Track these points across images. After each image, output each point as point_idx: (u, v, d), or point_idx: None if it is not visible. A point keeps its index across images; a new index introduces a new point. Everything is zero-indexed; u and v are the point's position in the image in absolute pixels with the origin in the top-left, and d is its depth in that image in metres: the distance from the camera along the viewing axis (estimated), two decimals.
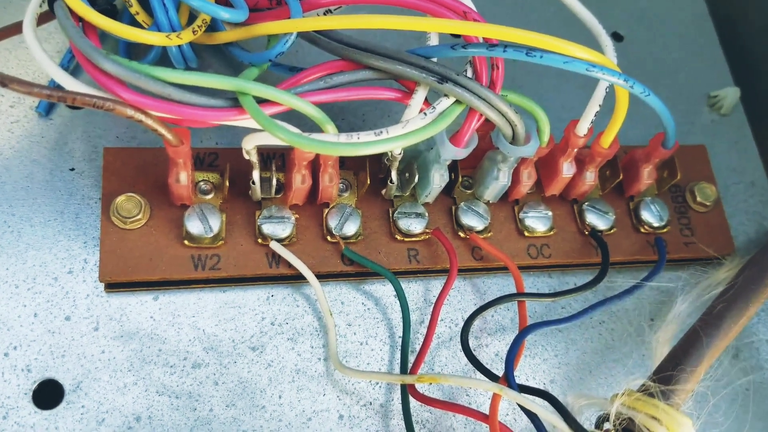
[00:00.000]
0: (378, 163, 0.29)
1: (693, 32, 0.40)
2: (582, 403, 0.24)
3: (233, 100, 0.23)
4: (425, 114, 0.24)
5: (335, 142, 0.23)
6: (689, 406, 0.24)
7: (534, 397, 0.24)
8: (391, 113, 0.32)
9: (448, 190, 0.29)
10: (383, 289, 0.29)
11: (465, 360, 0.28)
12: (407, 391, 0.26)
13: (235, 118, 0.23)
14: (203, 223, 0.26)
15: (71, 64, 0.29)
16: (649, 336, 0.26)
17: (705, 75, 0.38)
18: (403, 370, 0.26)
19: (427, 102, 0.25)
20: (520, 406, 0.24)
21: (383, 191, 0.29)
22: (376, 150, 0.23)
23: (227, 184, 0.26)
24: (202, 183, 0.27)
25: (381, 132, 0.23)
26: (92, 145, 0.28)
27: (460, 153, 0.26)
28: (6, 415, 0.24)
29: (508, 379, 0.24)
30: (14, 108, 0.28)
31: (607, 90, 0.26)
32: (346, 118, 0.32)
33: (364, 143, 0.23)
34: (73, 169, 0.28)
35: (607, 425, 0.23)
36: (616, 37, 0.38)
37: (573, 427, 0.23)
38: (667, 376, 0.23)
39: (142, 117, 0.22)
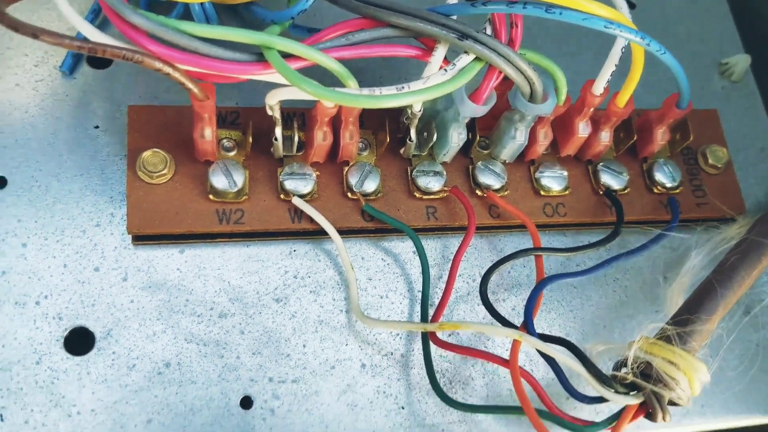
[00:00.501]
0: (396, 123, 0.29)
1: (704, 0, 0.40)
2: (599, 349, 0.25)
3: (258, 55, 0.23)
4: (446, 70, 0.25)
5: (358, 95, 0.23)
6: (704, 352, 0.24)
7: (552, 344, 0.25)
8: (408, 76, 0.33)
9: (464, 150, 0.30)
10: (402, 246, 0.29)
11: (482, 314, 0.29)
12: (428, 339, 0.27)
13: (260, 72, 0.23)
14: (227, 178, 0.27)
15: (94, 23, 0.29)
16: (663, 290, 0.27)
17: (716, 42, 0.39)
18: (424, 320, 0.27)
19: (446, 60, 0.25)
20: (539, 352, 0.25)
21: (402, 150, 0.29)
22: (397, 103, 0.24)
23: (250, 140, 0.27)
24: (224, 140, 0.28)
25: (402, 87, 0.24)
26: (115, 103, 0.29)
27: (479, 110, 0.26)
28: (39, 360, 0.25)
29: (527, 327, 0.25)
30: (38, 67, 0.29)
31: (623, 50, 0.27)
32: (365, 80, 0.32)
33: (386, 96, 0.24)
34: (97, 127, 0.28)
35: (624, 370, 0.24)
36: (629, 5, 0.38)
37: (591, 372, 0.24)
38: (683, 320, 0.24)
39: (169, 70, 0.23)
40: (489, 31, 0.25)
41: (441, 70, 0.25)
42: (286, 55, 0.23)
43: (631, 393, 0.24)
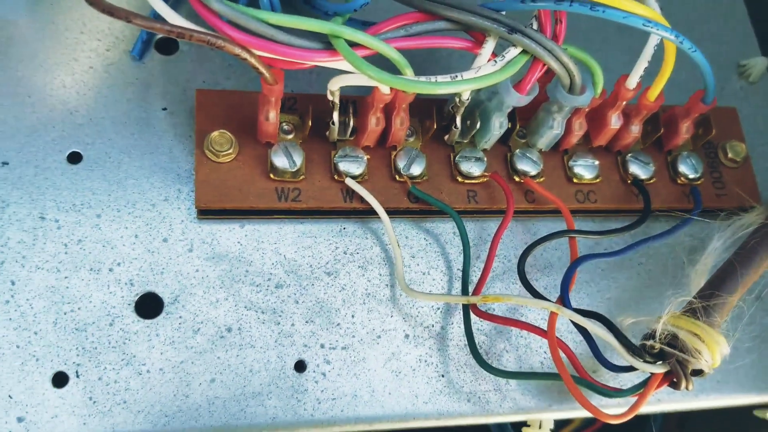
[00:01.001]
0: (442, 112, 0.31)
1: (724, 5, 0.42)
2: (629, 322, 0.27)
3: (326, 44, 0.25)
4: (495, 62, 0.27)
5: (417, 81, 0.25)
6: (724, 327, 0.26)
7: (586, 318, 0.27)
8: (450, 68, 0.35)
9: (504, 138, 0.32)
10: (443, 227, 0.32)
11: (517, 292, 0.31)
12: (469, 311, 0.29)
13: (329, 59, 0.25)
14: (288, 158, 0.29)
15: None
16: (687, 270, 0.29)
17: (735, 45, 0.41)
18: (465, 294, 0.29)
19: (493, 54, 0.27)
20: (573, 323, 0.27)
21: (446, 137, 0.31)
22: (451, 90, 0.26)
23: (310, 124, 0.29)
24: (284, 124, 0.30)
25: (456, 76, 0.26)
26: (181, 88, 0.31)
27: (523, 100, 0.28)
28: (112, 322, 0.27)
29: (563, 301, 0.27)
30: (110, 52, 0.31)
31: (656, 47, 0.29)
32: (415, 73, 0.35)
33: (441, 83, 0.26)
34: (165, 109, 0.30)
35: (651, 342, 0.26)
36: None
37: (622, 342, 0.26)
38: (707, 295, 0.26)
39: (247, 55, 0.25)
40: (535, 26, 0.27)
41: (491, 61, 0.27)
42: (351, 44, 0.25)
43: (658, 363, 0.26)
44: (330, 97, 0.28)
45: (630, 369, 0.27)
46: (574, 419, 0.45)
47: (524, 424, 0.31)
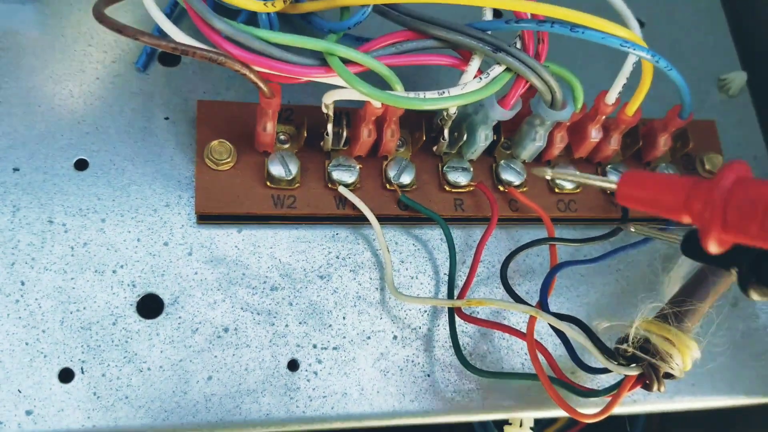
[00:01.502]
0: (431, 124, 0.33)
1: (706, 21, 0.44)
2: (604, 326, 0.28)
3: (321, 60, 0.27)
4: (480, 78, 0.28)
5: (406, 97, 0.27)
6: (696, 332, 0.28)
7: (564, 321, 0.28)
8: (439, 83, 0.37)
9: (489, 150, 0.33)
10: (431, 233, 0.33)
11: (499, 296, 0.32)
12: (454, 314, 0.30)
13: (323, 75, 0.27)
14: (284, 167, 0.30)
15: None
16: (661, 277, 0.30)
17: (715, 60, 0.42)
18: (450, 298, 0.31)
19: (479, 71, 0.29)
20: (551, 327, 0.28)
21: (434, 148, 0.33)
22: (439, 106, 0.28)
23: (305, 134, 0.31)
24: (280, 134, 0.31)
25: (443, 92, 0.28)
26: (183, 98, 0.33)
27: (507, 114, 0.30)
28: (115, 321, 0.29)
29: (542, 305, 0.29)
30: (116, 63, 0.33)
31: (634, 65, 0.30)
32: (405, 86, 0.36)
33: (430, 99, 0.27)
34: (167, 118, 0.32)
35: (625, 345, 0.27)
36: (639, 23, 0.42)
37: (597, 345, 0.27)
38: (679, 302, 0.27)
39: (246, 71, 0.26)
40: (519, 45, 0.29)
41: (476, 78, 0.28)
42: (345, 61, 0.27)
43: (631, 365, 0.28)
44: (324, 110, 0.29)
45: (605, 371, 0.28)
46: (558, 419, 0.46)
47: (506, 422, 0.33)
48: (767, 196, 0.17)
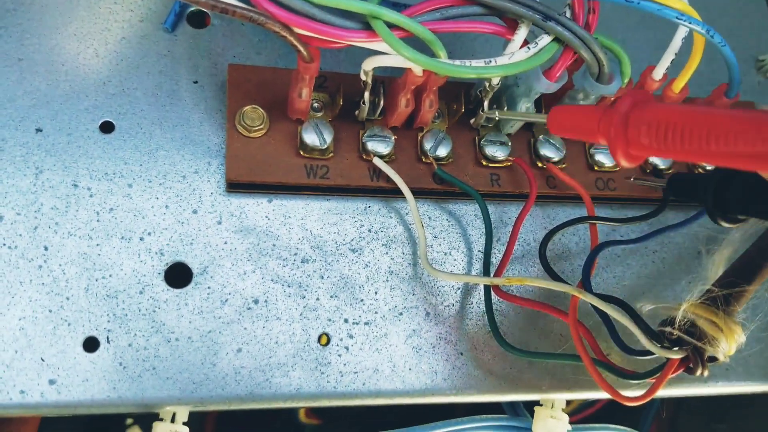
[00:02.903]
0: (468, 96, 0.32)
1: (743, 1, 0.42)
2: (648, 308, 0.27)
3: (365, 24, 0.26)
4: (528, 48, 0.27)
5: (452, 64, 0.26)
6: (742, 317, 0.27)
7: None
8: (478, 57, 0.35)
9: (527, 125, 0.32)
10: (465, 209, 0.32)
11: (535, 274, 0.32)
12: (491, 291, 0.29)
13: (366, 40, 0.26)
14: (318, 136, 0.29)
15: None
16: (705, 259, 0.29)
17: (753, 40, 0.41)
18: (486, 274, 0.30)
19: (525, 41, 0.28)
20: (593, 306, 0.27)
21: (472, 121, 0.32)
22: (485, 74, 0.26)
23: (341, 102, 0.29)
24: (314, 102, 0.30)
25: (490, 61, 0.27)
26: (212, 62, 0.31)
27: (552, 87, 0.29)
28: (142, 290, 0.28)
29: (584, 285, 0.28)
30: (143, 23, 0.31)
31: (683, 40, 0.29)
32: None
33: (476, 67, 0.26)
34: (196, 82, 0.31)
35: (670, 328, 0.27)
36: None
37: (641, 327, 0.26)
38: (727, 284, 0.27)
39: (286, 33, 0.25)
40: (569, 14, 0.27)
41: (524, 47, 0.27)
42: (389, 26, 0.26)
43: (674, 348, 0.27)
44: (363, 77, 0.28)
45: (646, 353, 0.27)
46: (572, 401, 0.46)
47: (537, 403, 0.32)
48: (657, 114, 0.20)
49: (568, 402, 0.47)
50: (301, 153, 0.29)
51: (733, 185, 0.27)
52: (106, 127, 0.29)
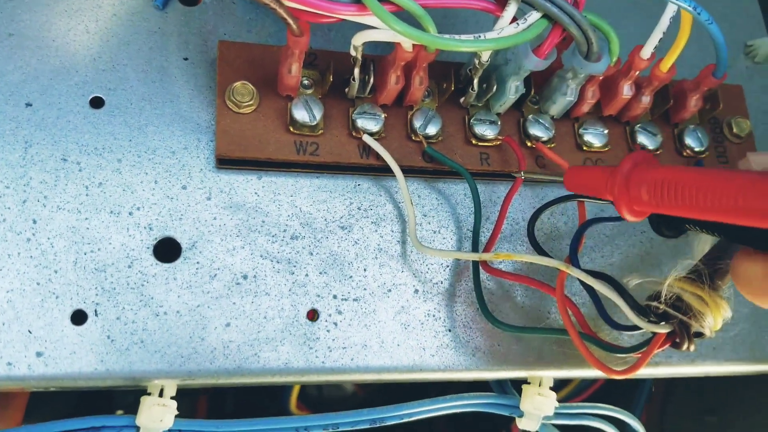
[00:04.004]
0: (458, 74, 0.32)
1: None
2: (635, 282, 0.28)
3: None
4: (517, 24, 0.27)
5: (441, 38, 0.26)
6: (726, 293, 0.27)
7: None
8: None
9: (517, 104, 0.32)
10: (454, 188, 0.32)
11: (525, 252, 0.32)
12: (479, 267, 0.29)
13: (356, 14, 0.26)
14: (308, 112, 0.29)
15: None
16: (691, 237, 0.30)
17: (742, 25, 0.41)
18: (475, 251, 0.30)
19: (514, 17, 0.28)
20: (581, 282, 0.28)
21: (461, 99, 0.32)
22: (474, 48, 0.27)
23: (331, 79, 0.30)
24: (304, 78, 0.30)
25: (479, 35, 0.27)
26: (203, 39, 0.31)
27: (541, 64, 0.29)
28: (131, 264, 0.28)
29: (571, 260, 0.28)
30: (133, 0, 0.31)
31: (671, 20, 0.29)
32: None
33: (466, 41, 0.26)
34: (186, 59, 0.31)
35: (656, 302, 0.27)
36: None
37: (628, 302, 0.27)
38: (711, 261, 0.27)
39: (276, 5, 0.25)
40: None
41: (513, 23, 0.27)
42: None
43: (661, 323, 0.27)
44: (353, 53, 0.28)
45: (633, 328, 0.28)
46: (570, 382, 0.46)
47: (525, 381, 0.32)
48: (655, 175, 0.23)
49: (560, 387, 0.48)
50: (291, 129, 0.30)
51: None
52: (96, 103, 0.29)
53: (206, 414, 0.52)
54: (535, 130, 0.32)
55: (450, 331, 0.30)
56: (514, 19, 0.28)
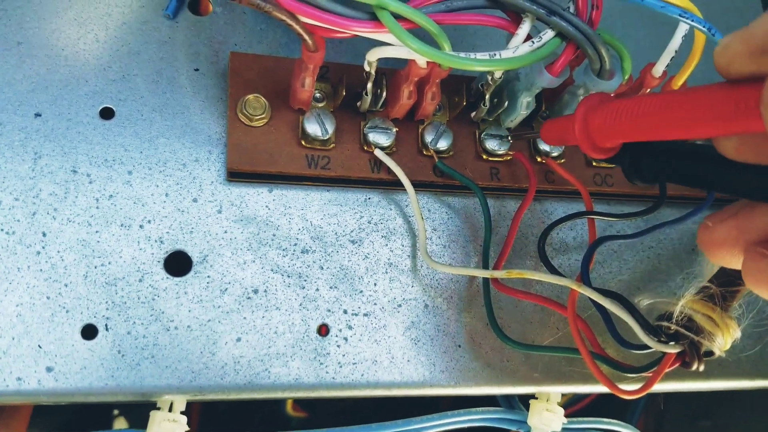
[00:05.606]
0: (469, 89, 0.32)
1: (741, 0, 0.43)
2: (647, 302, 0.28)
3: (371, 14, 0.26)
4: (533, 42, 0.27)
5: (457, 56, 0.26)
6: (736, 313, 0.28)
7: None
8: (477, 50, 0.36)
9: (528, 119, 0.32)
10: (464, 202, 0.32)
11: (533, 268, 0.32)
12: (490, 284, 0.29)
13: (371, 30, 0.26)
14: (320, 126, 0.29)
15: None
16: (701, 256, 0.30)
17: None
18: (485, 268, 0.30)
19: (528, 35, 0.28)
20: (591, 300, 0.28)
21: (472, 114, 0.32)
22: (490, 67, 0.27)
23: (343, 93, 0.29)
24: (316, 92, 0.30)
25: (494, 54, 0.27)
26: (213, 50, 0.31)
27: (554, 81, 0.29)
28: (142, 278, 0.28)
29: (583, 279, 0.28)
30: (144, 9, 0.31)
31: (683, 38, 0.29)
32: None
33: (480, 60, 0.26)
34: (197, 70, 0.31)
35: (668, 322, 0.27)
36: None
37: (639, 321, 0.27)
38: (723, 281, 0.27)
39: (293, 22, 0.25)
40: (573, 10, 0.28)
41: (528, 42, 0.27)
42: (395, 16, 0.26)
43: (671, 343, 0.27)
44: (367, 68, 0.28)
45: (642, 347, 0.28)
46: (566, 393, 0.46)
47: (532, 396, 0.32)
48: (608, 106, 0.23)
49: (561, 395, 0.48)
50: (303, 143, 0.29)
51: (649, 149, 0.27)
52: (106, 113, 0.29)
53: (200, 411, 0.52)
54: (545, 146, 0.32)
55: (460, 346, 0.30)
56: (529, 37, 0.28)
